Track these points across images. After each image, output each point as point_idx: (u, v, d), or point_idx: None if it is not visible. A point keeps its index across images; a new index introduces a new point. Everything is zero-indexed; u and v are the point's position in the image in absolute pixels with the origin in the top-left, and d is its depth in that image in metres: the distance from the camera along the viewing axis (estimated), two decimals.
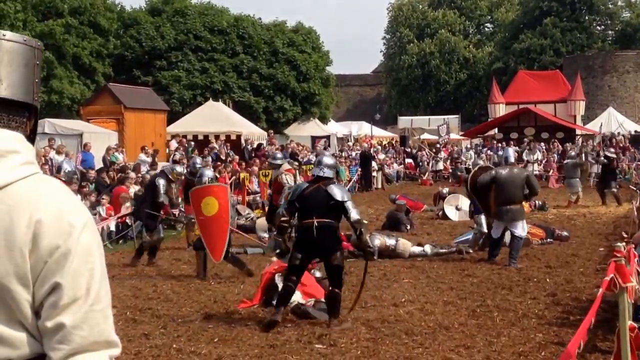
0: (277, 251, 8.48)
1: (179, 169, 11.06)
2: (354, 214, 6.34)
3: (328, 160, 6.79)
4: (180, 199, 11.56)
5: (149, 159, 17.51)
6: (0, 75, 1.48)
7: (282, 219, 6.62)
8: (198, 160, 12.30)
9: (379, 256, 9.90)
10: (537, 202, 17.05)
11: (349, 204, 6.33)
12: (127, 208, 12.30)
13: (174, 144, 21.23)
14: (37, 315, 1.36)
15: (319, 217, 6.25)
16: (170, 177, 10.33)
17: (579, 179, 17.32)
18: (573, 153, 20.05)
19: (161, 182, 10.12)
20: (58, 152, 16.04)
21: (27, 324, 1.35)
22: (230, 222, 8.97)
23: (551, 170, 25.01)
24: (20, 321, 1.35)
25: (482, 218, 10.42)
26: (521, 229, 9.48)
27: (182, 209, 12.21)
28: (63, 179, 12.11)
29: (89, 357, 1.35)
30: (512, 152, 10.97)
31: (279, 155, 11.98)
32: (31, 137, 1.54)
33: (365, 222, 6.81)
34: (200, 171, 9.96)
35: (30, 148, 1.45)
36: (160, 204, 10.13)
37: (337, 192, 6.39)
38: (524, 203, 10.02)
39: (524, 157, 26.71)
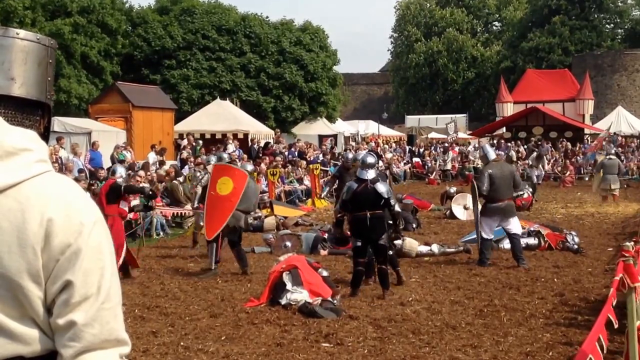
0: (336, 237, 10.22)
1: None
2: (397, 207, 7.89)
3: (370, 160, 7.79)
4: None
5: (159, 158, 17.51)
6: (13, 74, 1.49)
7: (339, 214, 8.19)
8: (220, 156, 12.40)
9: None
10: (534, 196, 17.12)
11: (392, 201, 7.67)
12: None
13: (185, 143, 21.25)
14: (49, 312, 1.37)
15: (370, 210, 7.51)
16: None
17: (616, 175, 17.18)
18: (613, 151, 19.95)
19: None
20: (73, 153, 16.09)
21: (39, 320, 1.36)
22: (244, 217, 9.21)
23: (567, 172, 24.76)
24: (32, 318, 1.36)
25: None
26: (514, 225, 9.30)
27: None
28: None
29: (99, 355, 1.36)
30: (489, 148, 10.52)
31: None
32: (45, 135, 1.54)
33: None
34: (220, 154, 10.18)
35: (44, 146, 1.45)
36: None
37: (383, 190, 7.60)
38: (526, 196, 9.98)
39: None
